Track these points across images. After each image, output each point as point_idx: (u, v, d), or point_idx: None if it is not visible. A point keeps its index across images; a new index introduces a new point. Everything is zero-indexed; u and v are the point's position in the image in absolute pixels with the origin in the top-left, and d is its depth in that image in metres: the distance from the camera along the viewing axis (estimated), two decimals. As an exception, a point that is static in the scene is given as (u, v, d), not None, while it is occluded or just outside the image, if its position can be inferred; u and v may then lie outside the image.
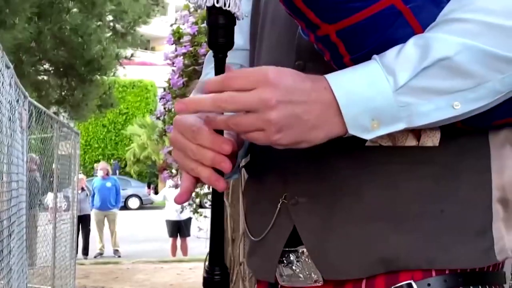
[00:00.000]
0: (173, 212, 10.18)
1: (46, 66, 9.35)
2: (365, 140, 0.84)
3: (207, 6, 0.82)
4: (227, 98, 0.79)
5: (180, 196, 0.91)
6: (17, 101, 4.54)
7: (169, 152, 4.81)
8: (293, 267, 0.95)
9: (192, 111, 0.83)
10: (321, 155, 0.89)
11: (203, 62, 3.32)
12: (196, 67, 3.37)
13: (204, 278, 0.90)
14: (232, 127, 0.81)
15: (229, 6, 0.81)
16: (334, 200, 0.90)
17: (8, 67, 3.96)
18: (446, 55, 0.77)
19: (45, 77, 9.44)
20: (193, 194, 5.67)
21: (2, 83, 3.69)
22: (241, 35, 1.10)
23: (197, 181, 0.89)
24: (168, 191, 9.97)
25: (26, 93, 5.18)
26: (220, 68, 0.85)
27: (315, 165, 0.92)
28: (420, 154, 0.88)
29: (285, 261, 0.96)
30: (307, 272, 0.94)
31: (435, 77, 0.77)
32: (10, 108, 4.07)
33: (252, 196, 1.06)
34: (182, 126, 0.87)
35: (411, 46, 0.79)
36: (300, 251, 0.94)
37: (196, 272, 8.41)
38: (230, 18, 0.83)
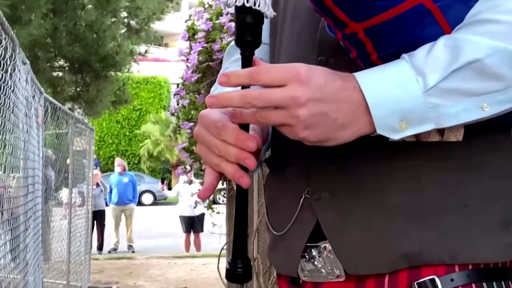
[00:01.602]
0: (187, 208, 10.22)
1: (61, 62, 9.38)
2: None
3: (235, 5, 0.82)
4: (257, 95, 0.79)
5: (204, 191, 0.91)
6: (33, 97, 4.58)
7: (183, 148, 4.83)
8: (315, 262, 0.95)
9: (223, 106, 0.83)
10: (344, 150, 0.89)
11: (217, 58, 3.33)
12: (210, 63, 3.38)
13: (227, 270, 0.91)
14: (261, 121, 0.80)
15: (259, 6, 0.81)
16: (357, 195, 0.90)
17: (24, 63, 3.99)
18: (476, 58, 0.77)
19: (60, 73, 9.48)
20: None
21: (19, 79, 3.72)
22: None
23: (221, 176, 0.90)
24: (182, 187, 10.00)
25: (42, 89, 5.21)
26: (247, 65, 0.85)
27: (337, 160, 0.92)
28: (443, 149, 0.88)
29: (307, 256, 0.96)
30: (329, 268, 0.94)
31: (465, 79, 0.77)
32: (27, 104, 4.10)
33: (274, 191, 1.06)
34: (207, 121, 0.87)
35: (441, 47, 0.79)
36: (323, 246, 0.94)
37: (210, 267, 8.44)
38: (259, 17, 0.83)
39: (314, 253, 0.95)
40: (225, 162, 0.85)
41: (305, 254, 0.96)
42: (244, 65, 0.85)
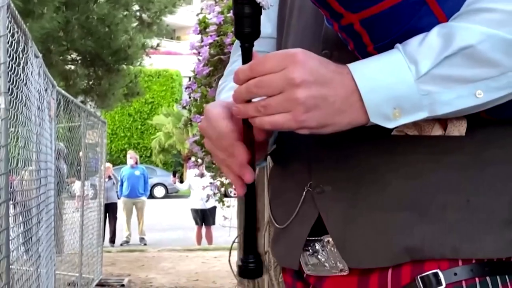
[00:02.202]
0: (198, 201, 10.24)
1: (74, 55, 9.41)
2: (391, 129, 0.84)
3: None
4: (256, 82, 0.80)
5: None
6: (46, 90, 4.60)
7: (195, 142, 4.84)
8: (319, 256, 0.96)
9: (240, 102, 0.85)
10: (346, 143, 0.90)
11: (228, 52, 3.33)
12: (222, 57, 3.37)
13: (239, 267, 0.92)
14: (261, 110, 0.81)
15: None
16: (359, 189, 0.90)
17: (37, 57, 4.01)
18: (468, 44, 0.77)
19: (73, 67, 9.50)
20: (218, 183, 5.69)
21: (31, 72, 3.74)
22: (269, 23, 1.11)
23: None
24: (193, 180, 10.02)
25: (54, 82, 5.24)
26: (247, 57, 0.86)
27: (340, 154, 0.92)
28: (446, 144, 0.88)
29: (310, 250, 0.96)
30: (332, 261, 0.94)
31: (458, 65, 0.77)
32: (39, 97, 4.12)
33: (277, 184, 1.06)
34: (210, 116, 0.90)
35: (435, 35, 0.79)
36: (326, 240, 0.94)
37: (221, 260, 8.45)
38: (256, 8, 0.83)
39: (317, 247, 0.95)
40: (230, 157, 0.88)
41: (309, 248, 0.96)
42: (244, 57, 0.86)
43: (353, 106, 0.79)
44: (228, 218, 6.02)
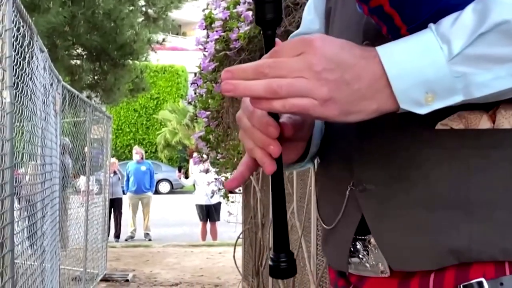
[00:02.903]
0: (203, 197, 10.25)
1: (79, 50, 9.43)
2: (435, 124, 0.80)
3: None
4: (270, 63, 0.76)
5: (231, 181, 0.89)
6: (51, 84, 4.60)
7: (200, 137, 4.84)
8: (360, 256, 0.92)
9: (239, 79, 0.79)
10: (388, 139, 0.86)
11: (234, 47, 3.32)
12: (227, 52, 3.36)
13: (270, 266, 0.86)
14: (281, 93, 0.74)
15: None
16: (403, 187, 0.85)
17: (42, 51, 4.01)
18: (505, 19, 0.70)
19: (78, 61, 9.52)
20: (223, 179, 5.70)
21: (37, 66, 3.74)
22: (317, 18, 1.08)
23: (254, 167, 0.87)
24: (198, 175, 10.04)
25: (60, 77, 5.23)
26: (269, 46, 0.81)
27: (382, 151, 0.88)
28: (495, 138, 0.81)
29: (352, 249, 0.93)
30: (373, 262, 0.90)
31: (493, 44, 0.71)
32: (44, 91, 4.12)
33: (322, 183, 1.03)
34: (244, 105, 0.86)
35: (469, 12, 0.73)
36: (368, 239, 0.90)
37: (226, 256, 8.47)
38: None
39: (358, 247, 0.92)
40: (256, 147, 0.83)
41: (351, 247, 0.93)
42: (266, 45, 0.81)
43: (381, 92, 0.74)
44: (233, 214, 6.02)
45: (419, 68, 0.72)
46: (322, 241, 1.05)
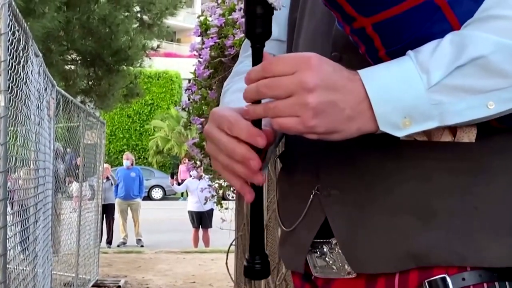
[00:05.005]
0: (196, 203, 10.22)
1: (74, 55, 9.41)
2: None
3: None
4: (267, 82, 0.79)
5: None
6: (45, 89, 4.59)
7: (194, 144, 4.83)
8: (326, 259, 0.95)
9: (250, 101, 0.83)
10: (355, 147, 0.89)
11: (229, 54, 3.33)
12: (223, 59, 3.37)
13: (245, 267, 0.90)
14: (269, 113, 0.80)
15: None
16: (366, 193, 0.89)
17: (37, 56, 4.00)
18: (481, 54, 0.75)
19: (73, 67, 9.50)
20: (216, 186, 5.69)
21: (31, 71, 3.73)
22: (276, 25, 1.10)
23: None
24: (191, 182, 10.01)
25: (54, 82, 5.23)
26: (257, 58, 0.84)
27: (348, 158, 0.91)
28: (455, 150, 0.86)
29: (318, 252, 0.96)
30: (340, 264, 0.93)
31: (469, 76, 0.76)
32: (39, 96, 4.11)
33: (285, 187, 1.05)
34: (219, 117, 0.86)
35: (447, 43, 0.78)
36: (334, 242, 0.93)
37: (218, 263, 8.44)
38: (268, 8, 0.83)
39: (325, 249, 0.95)
40: (234, 162, 0.85)
41: (317, 250, 0.96)
42: (254, 58, 0.85)
43: (363, 113, 0.78)
44: (226, 220, 6.01)
45: (399, 94, 0.77)
46: (279, 243, 1.08)
